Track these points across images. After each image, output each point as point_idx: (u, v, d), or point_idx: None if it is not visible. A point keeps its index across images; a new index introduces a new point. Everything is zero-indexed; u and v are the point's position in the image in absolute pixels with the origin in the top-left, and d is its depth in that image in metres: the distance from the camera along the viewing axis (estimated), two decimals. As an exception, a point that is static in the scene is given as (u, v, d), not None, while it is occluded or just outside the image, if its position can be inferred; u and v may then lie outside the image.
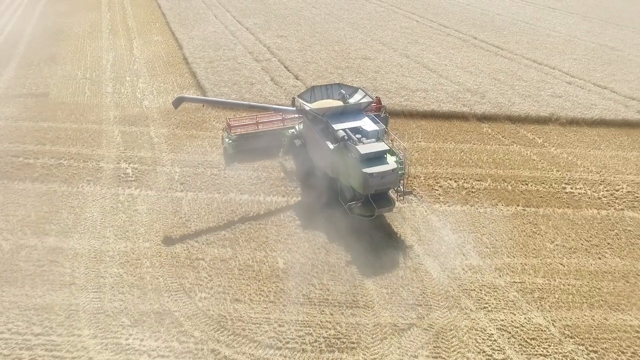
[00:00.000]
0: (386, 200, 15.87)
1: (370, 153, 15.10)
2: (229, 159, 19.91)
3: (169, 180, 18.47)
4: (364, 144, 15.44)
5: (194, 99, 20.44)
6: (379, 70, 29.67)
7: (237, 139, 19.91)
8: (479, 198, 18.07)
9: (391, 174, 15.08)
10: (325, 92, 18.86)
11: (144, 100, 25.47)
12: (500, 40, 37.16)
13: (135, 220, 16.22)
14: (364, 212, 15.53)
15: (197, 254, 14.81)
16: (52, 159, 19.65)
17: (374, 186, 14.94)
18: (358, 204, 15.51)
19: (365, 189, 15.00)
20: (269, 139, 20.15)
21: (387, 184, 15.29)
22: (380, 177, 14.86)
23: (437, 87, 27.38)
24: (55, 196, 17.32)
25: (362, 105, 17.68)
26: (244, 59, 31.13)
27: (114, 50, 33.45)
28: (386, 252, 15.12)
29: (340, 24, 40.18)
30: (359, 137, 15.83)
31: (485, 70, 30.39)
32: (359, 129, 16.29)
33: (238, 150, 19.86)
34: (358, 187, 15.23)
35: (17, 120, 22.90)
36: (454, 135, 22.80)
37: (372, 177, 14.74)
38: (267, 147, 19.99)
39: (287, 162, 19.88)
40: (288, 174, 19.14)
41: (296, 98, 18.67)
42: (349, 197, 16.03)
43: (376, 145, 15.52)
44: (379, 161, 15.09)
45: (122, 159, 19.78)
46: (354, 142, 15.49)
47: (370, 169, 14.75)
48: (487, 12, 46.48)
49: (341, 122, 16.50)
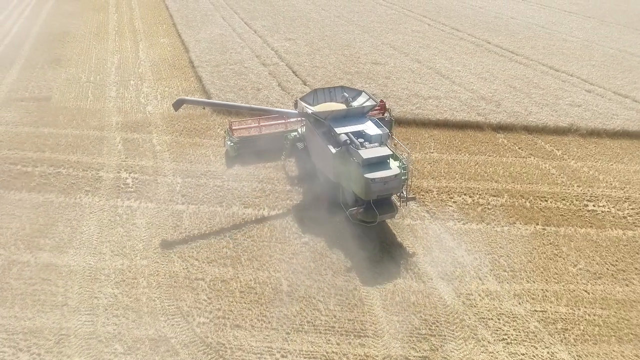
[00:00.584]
0: (389, 206, 15.46)
1: (372, 158, 14.73)
2: (230, 162, 19.38)
3: (170, 192, 17.72)
4: (366, 149, 15.10)
5: (195, 101, 19.97)
6: (390, 76, 28.74)
7: (239, 141, 19.60)
8: (495, 215, 17.08)
9: (394, 180, 14.69)
10: (328, 94, 18.52)
11: (148, 105, 24.79)
12: (515, 45, 36.02)
13: (133, 235, 15.47)
14: (366, 219, 15.16)
15: (196, 273, 14.03)
16: (51, 167, 19.00)
17: (376, 192, 14.57)
18: (360, 210, 15.12)
19: (367, 195, 14.61)
20: (271, 141, 19.78)
21: (390, 189, 14.89)
22: (383, 183, 14.48)
23: (450, 95, 26.38)
24: (51, 207, 16.65)
25: (366, 109, 17.28)
26: (251, 62, 30.36)
27: (120, 52, 32.88)
28: (397, 275, 14.22)
29: (350, 27, 39.29)
30: (361, 141, 15.49)
31: (500, 77, 29.32)
32: (361, 132, 15.96)
33: (240, 153, 19.54)
34: (360, 193, 14.85)
35: (17, 126, 22.33)
36: (468, 146, 21.80)
37: (374, 183, 14.35)
38: (269, 150, 19.58)
39: (290, 165, 19.31)
40: (290, 179, 18.64)
41: (298, 101, 18.08)
42: (351, 202, 15.68)
43: (379, 149, 15.17)
44: (382, 166, 14.74)
45: (122, 168, 19.08)
46: (356, 147, 15.16)
47: (373, 174, 14.38)
48: (501, 15, 45.29)
49: (344, 125, 16.21)
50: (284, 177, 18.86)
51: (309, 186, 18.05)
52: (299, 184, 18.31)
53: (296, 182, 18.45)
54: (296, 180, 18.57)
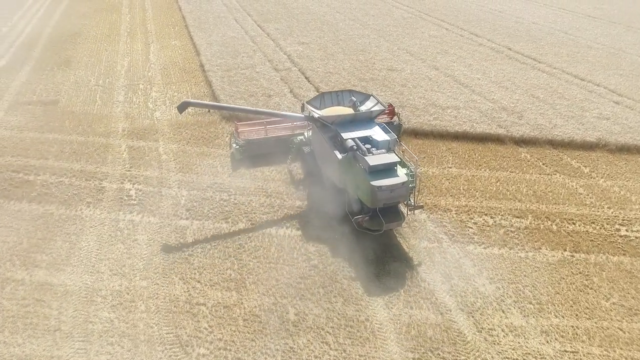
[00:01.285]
0: (395, 214, 14.93)
1: (379, 165, 14.26)
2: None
3: (174, 206, 16.93)
4: (373, 155, 14.64)
5: (199, 104, 19.59)
6: (406, 83, 27.63)
7: (245, 144, 19.34)
8: (519, 239, 15.91)
9: (401, 188, 14.16)
10: (335, 98, 18.07)
11: (156, 111, 24.11)
12: (537, 51, 34.56)
13: (133, 252, 14.70)
14: (372, 227, 14.67)
15: (198, 297, 13.18)
16: (53, 176, 18.38)
17: (382, 200, 14.07)
18: (365, 218, 14.62)
19: (373, 203, 14.11)
20: (277, 144, 19.52)
21: (397, 197, 14.36)
22: (390, 191, 13.96)
23: (469, 105, 25.19)
24: (51, 220, 15.98)
25: (373, 114, 16.81)
26: (263, 67, 29.54)
27: (130, 55, 32.36)
28: (413, 305, 13.17)
29: (365, 30, 38.25)
30: (368, 147, 15.03)
31: (522, 86, 27.99)
32: (369, 138, 15.52)
33: (245, 156, 19.29)
34: (366, 200, 14.36)
35: (22, 131, 21.82)
36: (489, 161, 20.61)
37: (380, 191, 13.85)
38: (274, 153, 19.31)
39: (296, 170, 18.88)
40: (295, 183, 18.33)
41: (305, 104, 17.59)
42: (357, 209, 15.14)
43: (386, 156, 14.69)
44: (389, 173, 14.26)
45: (126, 178, 18.37)
46: (363, 153, 14.70)
47: (379, 181, 13.90)
48: (522, 20, 43.75)
49: (351, 130, 15.77)
50: (294, 192, 17.94)
51: (319, 201, 17.11)
52: (305, 189, 17.94)
53: (301, 187, 18.06)
54: (301, 186, 18.12)
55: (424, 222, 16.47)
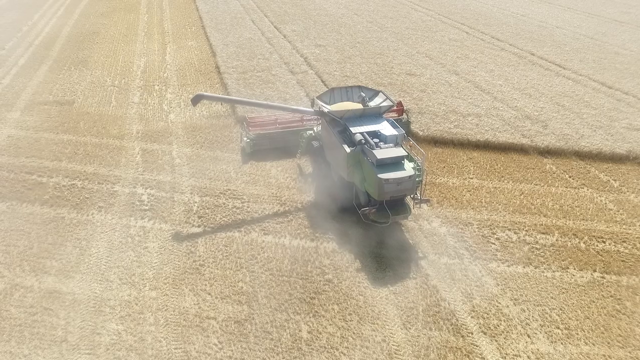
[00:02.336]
0: (402, 207, 15.26)
1: (387, 158, 14.58)
2: (246, 158, 19.64)
3: (186, 212, 16.56)
4: (381, 149, 14.95)
5: (213, 97, 19.71)
6: (425, 89, 26.89)
7: (255, 138, 19.78)
8: (545, 257, 15.10)
9: (408, 181, 14.45)
10: (345, 94, 18.46)
11: (171, 113, 23.86)
12: (561, 57, 33.42)
13: (144, 260, 14.35)
14: (379, 219, 14.98)
15: (208, 310, 12.73)
16: (66, 179, 18.19)
17: (389, 192, 14.39)
18: (372, 210, 14.92)
19: (380, 195, 14.43)
20: (287, 138, 19.96)
21: (404, 190, 14.65)
22: (397, 184, 14.30)
23: (491, 112, 24.34)
24: (62, 224, 15.75)
25: (382, 109, 17.23)
26: (279, 70, 29.11)
27: (147, 55, 32.28)
28: (432, 326, 12.52)
29: (383, 33, 37.55)
30: (376, 142, 15.37)
31: (546, 94, 27.00)
32: (377, 133, 15.89)
33: (256, 150, 19.75)
34: (373, 193, 14.70)
35: (37, 131, 21.75)
36: (512, 172, 19.78)
37: (387, 183, 14.17)
38: (285, 147, 19.79)
39: (305, 164, 19.17)
40: (304, 176, 18.86)
41: (315, 99, 17.98)
42: (364, 202, 15.57)
43: (394, 150, 14.98)
44: (396, 167, 14.58)
45: (139, 183, 18.08)
46: (371, 147, 15.02)
47: (387, 174, 14.23)
48: (545, 24, 42.51)
49: (359, 125, 16.17)
50: (310, 200, 17.42)
51: (333, 210, 16.58)
52: (313, 183, 18.40)
53: (310, 180, 18.62)
54: (310, 179, 18.68)
55: (443, 237, 15.79)
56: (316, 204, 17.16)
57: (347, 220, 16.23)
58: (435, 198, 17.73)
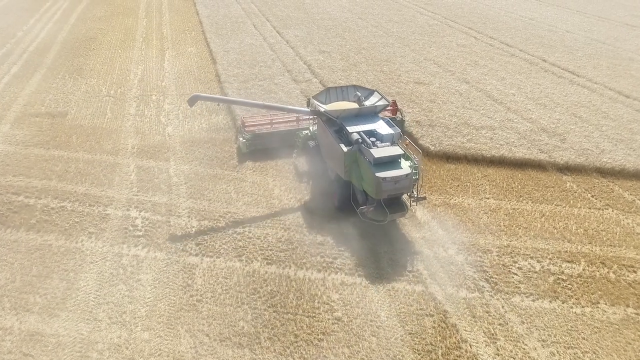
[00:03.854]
0: (399, 205, 15.49)
1: (384, 157, 14.79)
2: (242, 158, 19.71)
3: (183, 238, 15.39)
4: (378, 148, 15.13)
5: (209, 98, 19.55)
6: (435, 99, 25.69)
7: (251, 137, 19.93)
8: (572, 290, 13.89)
9: (405, 179, 14.67)
10: (340, 93, 18.61)
11: (168, 126, 22.69)
12: (574, 64, 32.17)
13: (136, 295, 13.18)
14: (376, 217, 15.13)
15: (206, 355, 11.55)
16: (56, 200, 17.03)
17: (387, 191, 14.59)
18: (370, 209, 15.09)
19: (377, 194, 14.64)
20: (283, 138, 20.09)
21: (401, 189, 14.86)
22: (394, 182, 14.48)
23: (505, 124, 23.12)
24: (49, 253, 14.58)
25: (378, 108, 17.38)
26: (282, 78, 27.93)
27: (144, 62, 31.12)
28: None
29: (389, 38, 36.34)
30: (373, 141, 15.50)
31: (561, 104, 25.79)
32: (373, 132, 16.02)
33: (251, 150, 19.86)
34: (371, 192, 14.92)
35: (27, 147, 20.59)
36: (530, 191, 18.58)
37: (385, 182, 14.37)
38: (281, 147, 19.82)
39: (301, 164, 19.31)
40: (300, 176, 18.84)
41: (311, 99, 18.09)
42: (362, 201, 15.71)
43: (390, 149, 15.18)
44: (393, 165, 14.81)
45: (132, 204, 16.91)
46: (367, 146, 15.18)
47: (384, 173, 14.44)
48: (555, 28, 41.27)
49: (356, 124, 16.30)
50: (315, 223, 16.24)
51: (340, 235, 15.43)
52: (309, 183, 18.41)
53: (306, 179, 18.60)
54: (306, 178, 18.66)
55: (461, 266, 14.60)
56: (322, 228, 15.99)
57: (357, 247, 15.08)
58: (450, 222, 16.55)
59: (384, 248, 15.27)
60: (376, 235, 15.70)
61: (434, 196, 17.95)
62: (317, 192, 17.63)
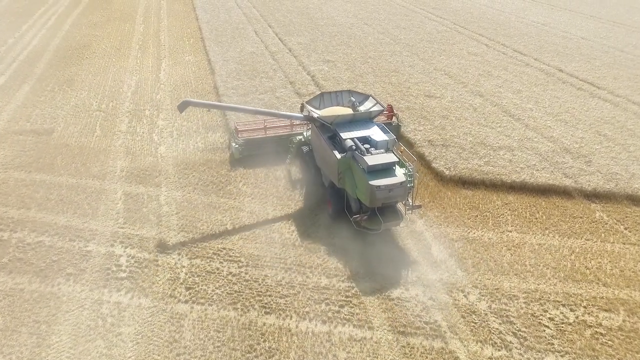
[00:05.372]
0: (394, 213, 15.13)
1: (378, 164, 14.40)
2: (234, 164, 19.41)
3: (171, 281, 13.75)
4: (372, 155, 14.78)
5: (200, 104, 18.74)
6: (448, 114, 23.99)
7: (244, 143, 19.57)
8: (613, 348, 12.18)
9: (399, 187, 14.30)
10: (335, 98, 18.29)
11: (161, 145, 21.07)
12: (593, 74, 30.39)
13: (115, 354, 11.53)
14: (370, 226, 14.83)
15: None
16: (33, 234, 15.42)
17: (381, 199, 14.23)
18: (364, 217, 14.78)
19: (371, 202, 14.29)
20: (276, 144, 19.86)
21: (395, 197, 14.50)
22: (388, 190, 14.10)
23: (525, 144, 21.40)
24: (20, 300, 12.96)
25: (372, 114, 16.99)
26: (284, 91, 26.30)
27: (139, 72, 29.56)
28: None
29: (396, 46, 34.65)
30: (367, 147, 15.19)
31: (583, 120, 24.04)
32: (367, 138, 15.69)
33: (244, 155, 19.52)
34: (364, 200, 14.53)
35: (7, 169, 19.01)
36: (557, 222, 16.87)
37: (379, 190, 14.01)
38: (274, 152, 19.53)
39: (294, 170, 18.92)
40: (293, 183, 18.47)
41: (305, 104, 17.68)
42: (356, 209, 15.33)
43: (385, 156, 14.78)
44: (387, 173, 14.45)
45: (117, 239, 15.29)
46: (361, 153, 14.86)
47: (378, 181, 14.09)
48: (570, 35, 39.49)
49: (350, 130, 15.98)
50: (319, 261, 14.60)
51: (349, 277, 13.79)
52: (302, 190, 18.02)
53: (299, 187, 18.23)
54: (298, 185, 18.32)
55: (484, 316, 12.92)
56: (326, 267, 14.33)
57: (366, 290, 13.43)
58: (470, 260, 14.87)
59: (397, 292, 13.61)
60: (388, 277, 14.05)
61: (451, 229, 16.27)
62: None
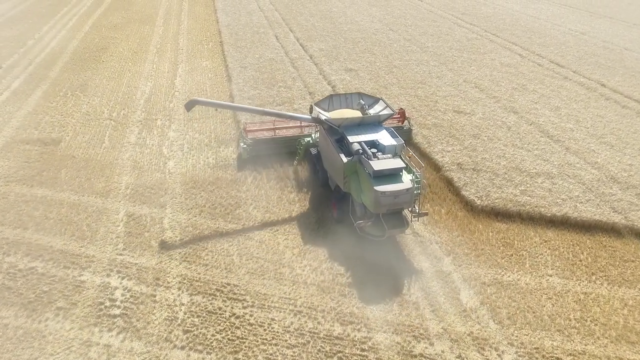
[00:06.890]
0: (399, 220, 14.51)
1: (384, 170, 13.99)
2: (242, 164, 19.13)
3: (168, 322, 12.42)
4: (378, 160, 14.37)
5: (207, 103, 18.26)
6: (479, 133, 22.05)
7: (252, 143, 19.45)
8: None
9: (405, 194, 13.79)
10: (344, 101, 17.88)
11: (170, 159, 19.88)
12: (639, 90, 27.89)
13: (99, 411, 10.29)
14: (374, 232, 14.35)
15: None
16: (26, 258, 14.35)
17: (386, 205, 13.78)
18: (368, 223, 14.28)
19: (376, 208, 13.84)
20: (285, 145, 19.71)
21: (401, 203, 14.00)
22: (394, 197, 13.64)
23: (566, 171, 19.32)
24: (2, 338, 11.84)
25: (381, 118, 16.57)
26: (303, 103, 24.78)
27: (154, 78, 28.58)
28: None
29: (423, 55, 32.74)
30: (374, 152, 14.78)
31: (631, 143, 21.74)
32: (375, 142, 15.27)
33: (252, 155, 19.35)
34: (369, 205, 14.08)
35: (8, 182, 18.12)
36: (605, 266, 14.84)
37: (384, 196, 13.58)
38: (282, 153, 19.49)
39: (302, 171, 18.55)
40: (300, 183, 18.24)
41: (313, 106, 17.23)
42: (360, 214, 14.90)
43: (392, 161, 14.38)
44: (394, 179, 14.02)
45: (114, 268, 14.07)
46: (368, 157, 14.43)
47: (383, 186, 13.67)
48: (612, 45, 36.72)
49: (357, 134, 15.60)
50: (333, 304, 13.04)
51: (365, 326, 12.17)
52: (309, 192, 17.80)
53: (305, 189, 17.94)
54: (305, 188, 18.00)
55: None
56: (340, 312, 12.75)
57: (385, 345, 11.78)
58: (505, 310, 13.05)
59: (420, 347, 11.94)
60: (408, 328, 12.37)
61: (483, 270, 14.46)
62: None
